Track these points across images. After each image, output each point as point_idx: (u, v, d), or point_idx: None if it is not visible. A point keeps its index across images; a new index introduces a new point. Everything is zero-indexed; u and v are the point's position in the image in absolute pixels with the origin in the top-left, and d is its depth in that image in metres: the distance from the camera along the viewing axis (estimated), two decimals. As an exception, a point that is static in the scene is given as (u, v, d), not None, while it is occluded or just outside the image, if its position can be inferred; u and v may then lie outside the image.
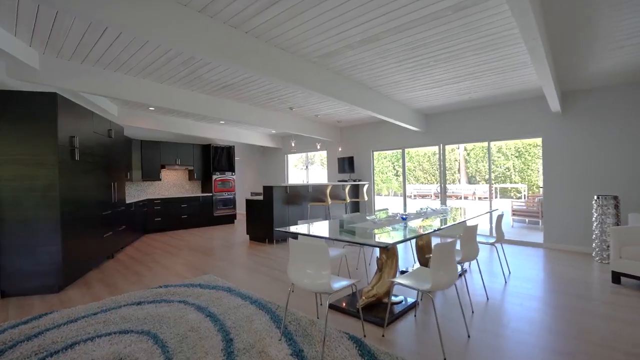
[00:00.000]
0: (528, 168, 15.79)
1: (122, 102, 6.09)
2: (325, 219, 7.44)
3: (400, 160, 7.55)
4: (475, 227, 3.36)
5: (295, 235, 2.90)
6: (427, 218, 3.79)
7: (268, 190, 6.32)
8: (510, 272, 4.34)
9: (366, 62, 4.14)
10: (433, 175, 20.02)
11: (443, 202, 7.05)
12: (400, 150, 7.81)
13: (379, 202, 8.18)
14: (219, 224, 9.11)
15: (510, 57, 4.00)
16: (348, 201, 7.12)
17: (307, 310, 3.09)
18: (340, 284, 2.38)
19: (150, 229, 7.67)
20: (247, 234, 6.78)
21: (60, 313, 3.05)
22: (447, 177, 7.11)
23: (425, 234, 2.99)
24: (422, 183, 21.05)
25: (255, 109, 6.53)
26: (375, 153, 8.45)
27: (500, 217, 4.12)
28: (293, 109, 6.64)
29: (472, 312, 3.08)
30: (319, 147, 9.04)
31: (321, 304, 3.22)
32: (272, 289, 3.75)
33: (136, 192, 7.97)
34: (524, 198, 15.28)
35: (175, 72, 4.52)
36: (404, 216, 3.50)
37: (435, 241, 3.99)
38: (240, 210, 10.93)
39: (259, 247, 6.10)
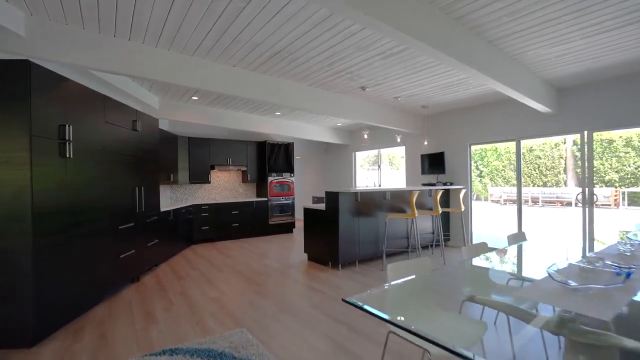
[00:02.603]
0: (675, 166, 11.79)
1: (161, 91, 5.07)
2: (407, 238, 5.59)
3: (486, 158, 5.42)
4: None
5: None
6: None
7: (332, 197, 4.74)
8: None
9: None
10: (529, 177, 16.59)
11: (588, 214, 4.74)
12: (513, 143, 5.63)
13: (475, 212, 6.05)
14: (274, 233, 7.84)
15: None
16: (440, 212, 5.20)
17: None
18: None
19: (197, 240, 6.65)
20: (305, 252, 5.31)
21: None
22: (549, 179, 4.75)
23: None
24: (513, 185, 17.64)
25: (317, 92, 5.01)
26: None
27: None
28: (366, 89, 4.97)
29: None
30: (399, 140, 7.13)
31: None
32: (337, 377, 2.15)
33: (183, 197, 7.05)
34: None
35: (200, 35, 3.21)
36: (624, 270, 1.61)
37: None
38: (300, 216, 9.59)
39: (320, 273, 4.56)
